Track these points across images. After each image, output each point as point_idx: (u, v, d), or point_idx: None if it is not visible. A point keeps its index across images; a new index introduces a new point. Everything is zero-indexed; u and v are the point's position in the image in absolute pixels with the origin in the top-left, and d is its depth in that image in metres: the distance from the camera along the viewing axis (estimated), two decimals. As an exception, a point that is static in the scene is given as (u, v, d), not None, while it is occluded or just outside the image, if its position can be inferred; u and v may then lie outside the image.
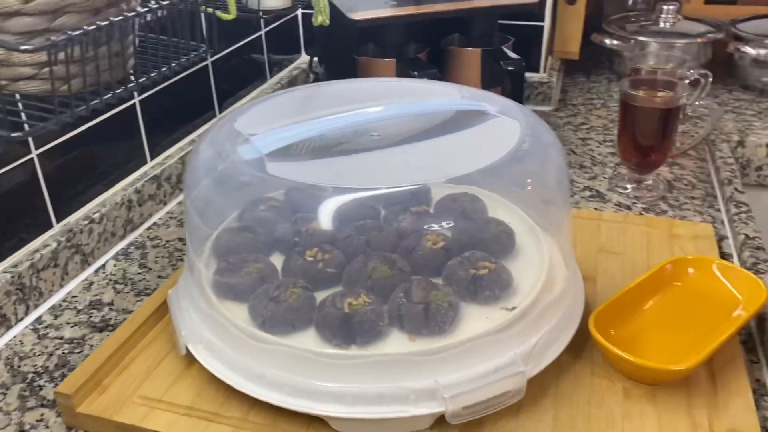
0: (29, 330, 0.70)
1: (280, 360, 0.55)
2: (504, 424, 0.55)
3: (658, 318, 0.64)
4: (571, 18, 1.22)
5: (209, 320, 0.60)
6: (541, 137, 0.64)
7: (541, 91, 1.19)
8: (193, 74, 0.98)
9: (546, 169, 0.64)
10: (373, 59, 1.02)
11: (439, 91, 0.73)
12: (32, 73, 0.49)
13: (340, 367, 0.54)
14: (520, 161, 0.60)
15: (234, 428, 0.55)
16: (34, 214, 0.74)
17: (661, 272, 0.68)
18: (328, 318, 0.55)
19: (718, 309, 0.64)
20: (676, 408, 0.56)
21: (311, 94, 0.75)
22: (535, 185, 0.65)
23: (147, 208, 0.88)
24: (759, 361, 0.63)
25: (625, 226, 0.81)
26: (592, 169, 0.99)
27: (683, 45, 1.23)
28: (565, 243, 0.65)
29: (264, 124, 0.67)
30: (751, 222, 0.82)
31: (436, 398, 0.53)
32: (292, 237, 0.64)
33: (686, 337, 0.61)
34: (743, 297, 0.65)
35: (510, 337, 0.56)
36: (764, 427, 0.56)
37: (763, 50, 1.17)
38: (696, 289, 0.67)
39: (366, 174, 0.61)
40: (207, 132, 0.66)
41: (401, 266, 0.60)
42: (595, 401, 0.57)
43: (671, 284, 0.68)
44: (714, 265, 0.68)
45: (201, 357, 0.59)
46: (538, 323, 0.58)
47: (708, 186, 0.93)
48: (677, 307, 0.66)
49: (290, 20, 1.24)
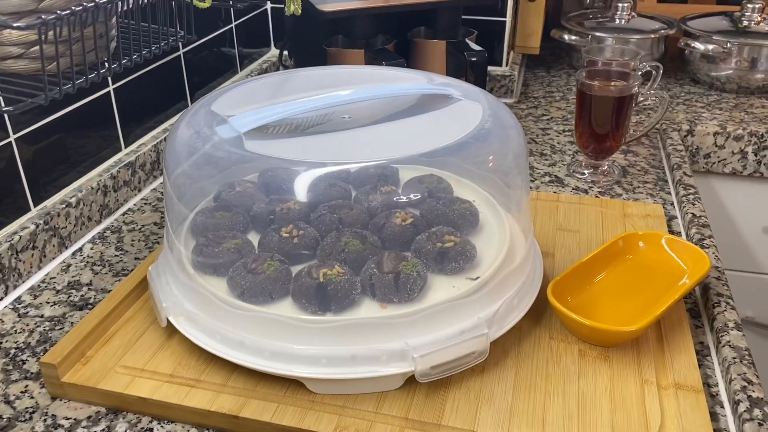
0: (9, 309, 0.72)
1: (259, 327, 0.58)
2: (470, 383, 0.59)
3: (610, 287, 0.69)
4: (531, 14, 1.27)
5: (189, 292, 0.62)
6: (503, 119, 0.68)
7: (503, 84, 1.24)
8: (166, 65, 1.00)
9: (506, 147, 0.68)
10: (342, 50, 1.06)
11: (407, 77, 0.77)
12: (20, 52, 0.51)
13: (316, 332, 0.57)
14: (483, 140, 0.65)
15: (215, 393, 0.58)
16: (12, 198, 0.76)
17: (613, 246, 0.73)
18: (304, 287, 0.59)
19: (665, 278, 0.69)
20: (627, 366, 0.61)
21: (285, 80, 0.78)
22: (496, 162, 0.70)
23: (122, 194, 0.91)
24: (702, 326, 0.69)
25: (581, 207, 0.86)
26: (552, 156, 1.04)
27: (637, 40, 1.29)
28: (524, 220, 0.69)
29: (240, 107, 0.70)
30: (698, 203, 0.87)
31: (406, 359, 0.56)
32: (267, 216, 0.67)
33: (636, 303, 0.66)
34: (689, 267, 0.70)
35: (474, 302, 0.60)
36: (706, 383, 0.61)
37: (711, 46, 1.24)
38: (646, 261, 0.72)
39: (338, 152, 0.64)
40: (184, 114, 0.69)
41: (372, 241, 0.64)
42: (553, 361, 0.61)
43: (623, 257, 0.73)
44: (663, 239, 0.73)
45: (182, 327, 0.62)
46: (500, 291, 0.62)
47: (660, 171, 0.99)
48: (628, 278, 0.71)
49: (260, 14, 1.27)
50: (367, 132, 0.67)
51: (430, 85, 0.74)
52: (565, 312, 0.62)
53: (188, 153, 0.65)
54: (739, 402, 0.57)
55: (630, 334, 0.62)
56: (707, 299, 0.70)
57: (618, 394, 0.58)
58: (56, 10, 0.49)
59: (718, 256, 0.75)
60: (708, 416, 0.55)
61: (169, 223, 0.67)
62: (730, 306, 0.68)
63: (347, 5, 0.99)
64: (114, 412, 0.59)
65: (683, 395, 0.57)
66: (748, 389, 0.58)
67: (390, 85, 0.72)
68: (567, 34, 1.35)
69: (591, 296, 0.68)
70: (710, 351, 0.65)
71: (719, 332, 0.65)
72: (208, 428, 0.57)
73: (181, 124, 0.67)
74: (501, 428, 0.55)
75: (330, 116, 0.69)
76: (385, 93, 0.70)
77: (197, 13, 0.74)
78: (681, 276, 0.69)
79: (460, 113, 0.70)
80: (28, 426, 0.58)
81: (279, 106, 0.70)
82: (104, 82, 0.88)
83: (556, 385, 0.59)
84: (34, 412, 0.59)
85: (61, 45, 0.50)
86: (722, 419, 0.58)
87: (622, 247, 0.73)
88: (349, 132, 0.67)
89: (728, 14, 1.36)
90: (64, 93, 0.50)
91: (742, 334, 0.64)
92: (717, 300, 0.68)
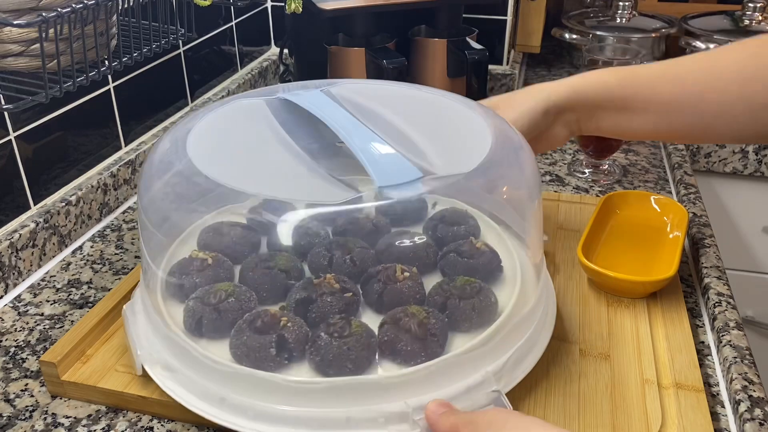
0: (9, 308, 0.72)
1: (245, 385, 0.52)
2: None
3: (615, 242, 0.77)
4: (532, 13, 1.27)
5: (168, 342, 0.56)
6: (513, 141, 0.62)
7: (504, 83, 1.24)
8: (166, 63, 1.00)
9: (520, 175, 0.62)
10: (343, 48, 1.05)
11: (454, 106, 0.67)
12: (20, 49, 0.51)
13: (306, 393, 0.51)
14: (495, 168, 0.59)
15: (215, 391, 0.58)
16: (12, 196, 0.76)
17: (603, 209, 0.80)
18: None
19: (654, 232, 0.78)
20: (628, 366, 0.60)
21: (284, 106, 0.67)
22: (510, 191, 0.64)
23: (122, 192, 0.90)
24: (703, 325, 0.69)
25: (582, 206, 0.86)
26: (552, 155, 1.04)
27: (638, 39, 1.29)
28: (536, 251, 0.63)
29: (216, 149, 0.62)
30: (698, 202, 0.87)
31: (406, 420, 0.50)
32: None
33: (644, 255, 0.74)
34: (669, 219, 0.79)
35: (483, 355, 0.54)
36: (707, 383, 0.61)
37: (712, 45, 1.24)
38: (632, 219, 0.80)
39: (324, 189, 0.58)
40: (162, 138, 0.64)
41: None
42: (553, 361, 0.61)
43: (613, 216, 0.81)
44: (641, 197, 0.82)
45: (158, 378, 0.56)
46: (510, 341, 0.56)
47: (660, 170, 0.99)
48: (623, 234, 0.78)
49: (260, 12, 1.27)
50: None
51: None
52: (615, 275, 0.67)
53: (159, 175, 0.60)
54: (740, 402, 0.57)
55: (666, 282, 0.68)
56: (708, 299, 0.70)
57: (618, 394, 0.58)
58: (57, 7, 0.49)
59: (718, 256, 0.75)
60: (709, 416, 0.55)
61: (148, 259, 0.60)
62: (731, 305, 0.67)
63: (348, 3, 0.99)
64: (114, 410, 0.59)
65: (684, 395, 0.57)
66: (749, 389, 0.58)
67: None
68: (568, 32, 1.35)
69: (605, 254, 0.74)
70: (711, 350, 0.65)
71: (720, 332, 0.65)
72: (208, 427, 0.57)
73: (155, 152, 0.61)
74: (502, 428, 0.54)
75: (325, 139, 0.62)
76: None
77: (198, 11, 0.74)
78: (664, 227, 0.78)
79: (466, 142, 0.63)
80: (28, 424, 0.58)
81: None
82: (104, 80, 0.88)
83: (557, 385, 0.59)
84: (34, 411, 0.59)
85: (61, 43, 0.50)
86: (723, 419, 0.58)
87: (610, 208, 0.81)
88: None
89: (729, 13, 1.36)
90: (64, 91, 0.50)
91: (743, 333, 0.64)
92: (718, 299, 0.68)
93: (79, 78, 0.51)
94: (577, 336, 0.64)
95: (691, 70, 0.65)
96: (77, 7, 0.48)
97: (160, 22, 0.59)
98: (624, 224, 0.79)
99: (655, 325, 0.65)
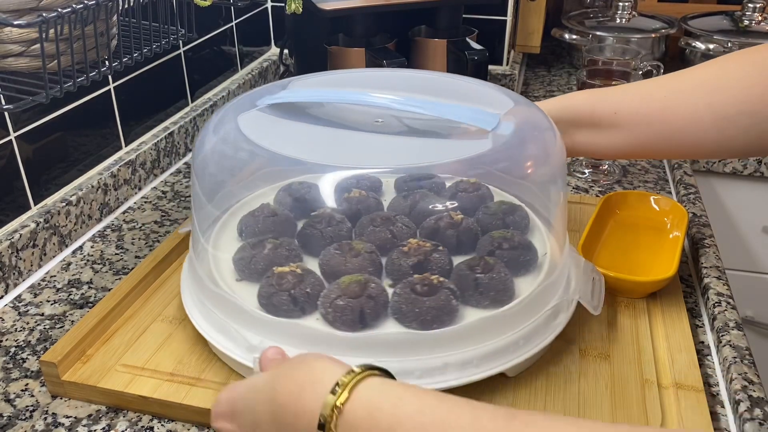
0: (9, 308, 0.72)
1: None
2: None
3: (614, 243, 0.77)
4: (532, 13, 1.27)
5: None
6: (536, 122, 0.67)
7: (504, 84, 1.24)
8: (167, 63, 1.00)
9: (546, 152, 0.66)
10: (343, 48, 1.05)
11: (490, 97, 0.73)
12: (20, 50, 0.51)
13: (345, 346, 0.55)
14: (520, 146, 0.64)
15: (216, 392, 0.58)
16: (13, 196, 0.76)
17: (602, 208, 0.80)
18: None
19: (653, 232, 0.78)
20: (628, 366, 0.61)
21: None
22: (535, 169, 0.68)
23: (123, 192, 0.90)
24: (703, 325, 0.69)
25: (581, 206, 0.86)
26: (553, 155, 1.04)
27: (638, 40, 1.29)
28: (561, 233, 0.66)
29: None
30: (698, 202, 0.87)
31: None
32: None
33: (644, 254, 0.75)
34: (669, 219, 0.79)
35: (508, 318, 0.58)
36: (707, 383, 0.61)
37: (711, 45, 1.24)
38: (630, 219, 0.81)
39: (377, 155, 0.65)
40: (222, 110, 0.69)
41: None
42: (553, 361, 0.61)
43: (612, 216, 0.81)
44: (641, 197, 0.82)
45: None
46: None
47: (660, 170, 0.99)
48: (623, 234, 0.79)
49: (260, 12, 1.27)
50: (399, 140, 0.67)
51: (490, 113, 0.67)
52: (618, 275, 0.67)
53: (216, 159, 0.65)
54: (740, 402, 0.57)
55: (667, 281, 0.68)
56: (707, 299, 0.70)
57: (618, 394, 0.58)
58: (57, 7, 0.49)
59: (718, 256, 0.75)
60: (708, 416, 0.55)
61: (199, 230, 0.66)
62: (731, 305, 0.68)
63: (348, 4, 0.99)
64: (114, 410, 0.59)
65: (684, 395, 0.57)
66: (749, 389, 0.58)
67: (441, 104, 0.67)
68: (568, 33, 1.35)
69: (606, 252, 0.75)
70: (711, 350, 0.65)
71: (720, 332, 0.65)
72: (208, 427, 0.57)
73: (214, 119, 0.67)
74: (501, 427, 0.54)
75: (363, 116, 0.68)
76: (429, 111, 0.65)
77: (198, 11, 0.74)
78: (664, 227, 0.78)
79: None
80: (28, 424, 0.58)
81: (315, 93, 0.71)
82: (105, 80, 0.88)
83: (557, 385, 0.59)
84: (34, 411, 0.59)
85: (61, 43, 0.50)
86: (723, 419, 0.58)
87: (610, 208, 0.81)
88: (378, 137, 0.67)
89: (729, 13, 1.36)
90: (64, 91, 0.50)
91: (743, 333, 0.64)
92: (717, 299, 0.68)
93: (80, 78, 0.52)
94: (577, 336, 0.64)
95: (658, 84, 0.67)
96: (77, 7, 0.48)
97: (160, 22, 0.60)
98: (624, 224, 0.80)
99: (655, 325, 0.65)
